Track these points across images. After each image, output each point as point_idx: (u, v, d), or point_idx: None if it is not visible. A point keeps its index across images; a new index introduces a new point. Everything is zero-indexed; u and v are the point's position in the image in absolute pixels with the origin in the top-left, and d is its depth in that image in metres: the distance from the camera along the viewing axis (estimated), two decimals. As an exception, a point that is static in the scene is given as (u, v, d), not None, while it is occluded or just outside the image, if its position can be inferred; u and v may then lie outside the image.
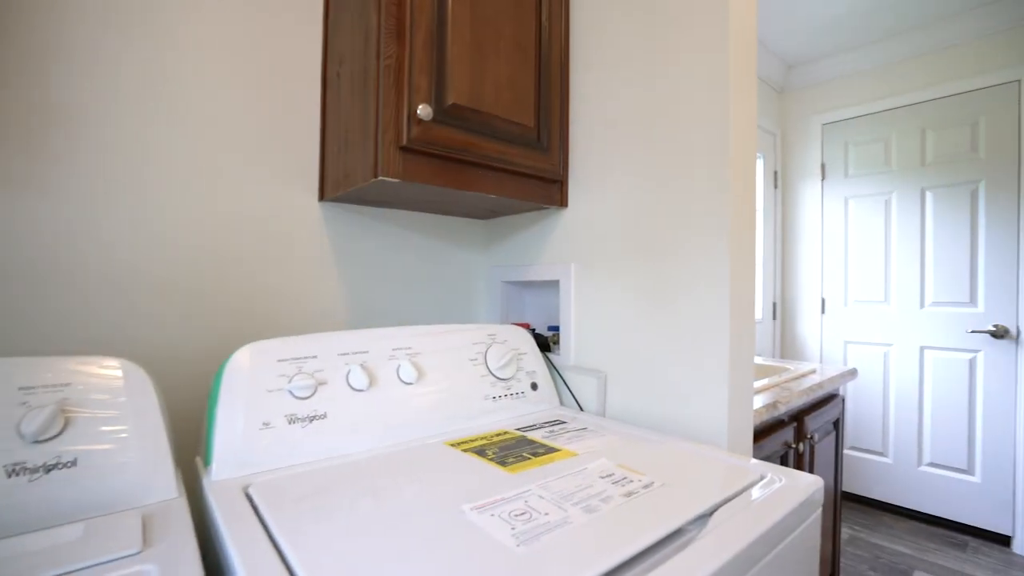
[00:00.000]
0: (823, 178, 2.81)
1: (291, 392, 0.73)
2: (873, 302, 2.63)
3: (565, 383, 1.07)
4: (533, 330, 1.17)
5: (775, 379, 1.39)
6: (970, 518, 2.34)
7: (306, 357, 0.77)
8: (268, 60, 0.98)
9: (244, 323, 0.95)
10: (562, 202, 1.10)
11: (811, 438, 1.35)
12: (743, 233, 0.86)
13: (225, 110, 0.93)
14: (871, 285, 2.64)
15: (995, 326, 2.25)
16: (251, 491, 0.60)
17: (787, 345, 2.95)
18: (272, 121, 0.99)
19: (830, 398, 1.58)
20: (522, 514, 0.53)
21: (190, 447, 0.88)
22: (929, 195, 2.46)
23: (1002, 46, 2.28)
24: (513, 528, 0.50)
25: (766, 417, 1.13)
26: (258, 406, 0.70)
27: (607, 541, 0.48)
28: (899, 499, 2.55)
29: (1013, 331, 2.21)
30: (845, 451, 2.73)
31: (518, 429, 0.86)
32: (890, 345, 2.57)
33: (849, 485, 2.72)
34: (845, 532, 2.43)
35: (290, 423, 0.71)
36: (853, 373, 1.62)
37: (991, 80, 2.29)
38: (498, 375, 0.94)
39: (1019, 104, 2.23)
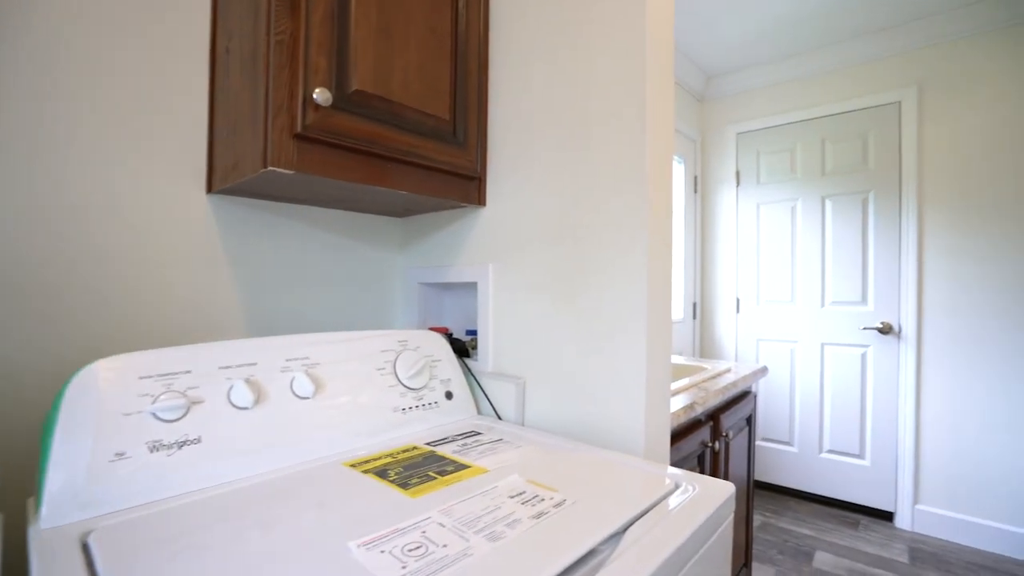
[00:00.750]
0: (738, 184, 2.97)
1: (155, 414, 0.62)
2: (781, 302, 2.81)
3: (483, 391, 1.02)
4: (450, 335, 1.11)
5: (694, 379, 1.43)
6: (862, 498, 2.56)
7: (177, 373, 0.66)
8: (152, 34, 0.85)
9: (109, 334, 0.82)
10: (480, 200, 1.05)
11: (726, 436, 1.39)
12: (660, 232, 0.85)
13: (97, 87, 0.79)
14: (780, 286, 2.82)
15: (882, 323, 2.48)
16: (91, 540, 0.50)
17: (706, 344, 3.09)
18: (154, 101, 0.86)
19: (744, 395, 1.64)
20: (416, 548, 0.48)
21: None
22: (828, 203, 2.67)
23: (887, 70, 2.51)
24: (404, 567, 0.44)
25: (684, 419, 1.14)
26: (110, 433, 0.59)
27: (509, 575, 0.44)
28: (804, 484, 2.74)
29: (896, 327, 2.44)
30: (757, 443, 2.90)
31: (428, 443, 0.80)
32: (796, 342, 2.76)
33: (760, 474, 2.89)
34: (757, 519, 2.57)
35: (152, 451, 0.61)
36: (764, 371, 1.70)
37: (878, 100, 2.52)
38: (408, 385, 0.88)
39: (899, 123, 2.46)
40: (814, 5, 2.28)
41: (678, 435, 1.17)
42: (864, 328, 2.52)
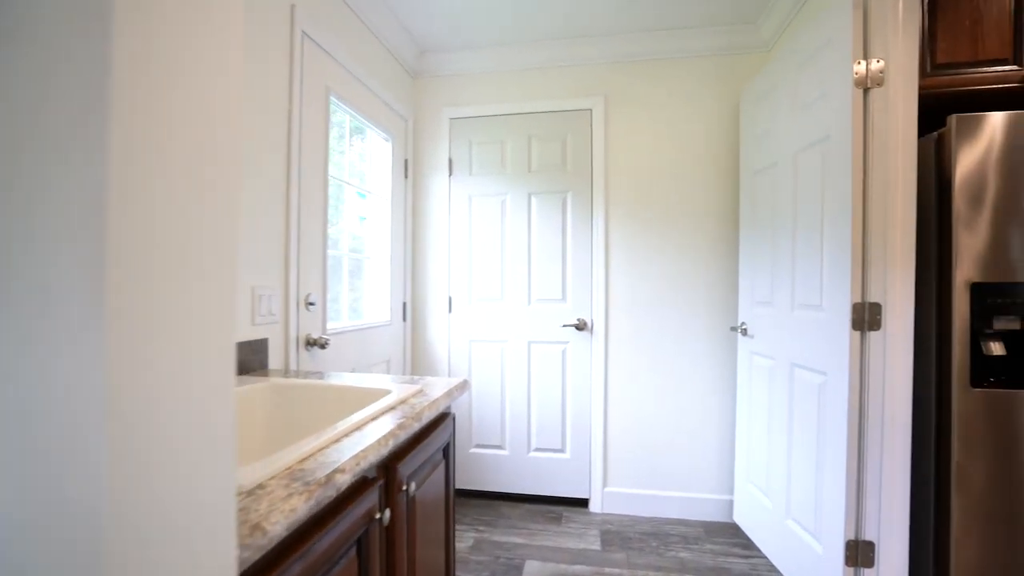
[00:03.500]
0: (451, 173, 2.74)
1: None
2: (492, 300, 2.69)
3: None
4: None
5: (350, 421, 0.98)
6: (565, 490, 2.62)
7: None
8: None
9: None
10: None
11: (407, 489, 0.99)
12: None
13: None
14: (491, 283, 2.69)
15: (578, 320, 2.57)
16: None
17: (418, 348, 2.78)
18: None
19: (440, 420, 1.30)
20: None
21: None
22: (534, 200, 2.65)
23: (583, 77, 2.62)
24: None
25: (322, 496, 0.67)
26: None
27: None
28: (516, 487, 2.67)
29: (589, 323, 2.56)
30: (471, 450, 2.72)
31: None
32: (505, 341, 2.68)
33: (475, 483, 2.72)
34: (470, 537, 2.36)
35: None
36: (464, 386, 1.40)
37: (575, 104, 2.61)
38: None
39: (591, 129, 2.59)
40: (519, -14, 2.16)
41: (317, 524, 0.69)
42: (564, 325, 2.57)
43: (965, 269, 1.52)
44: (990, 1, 1.67)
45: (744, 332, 2.24)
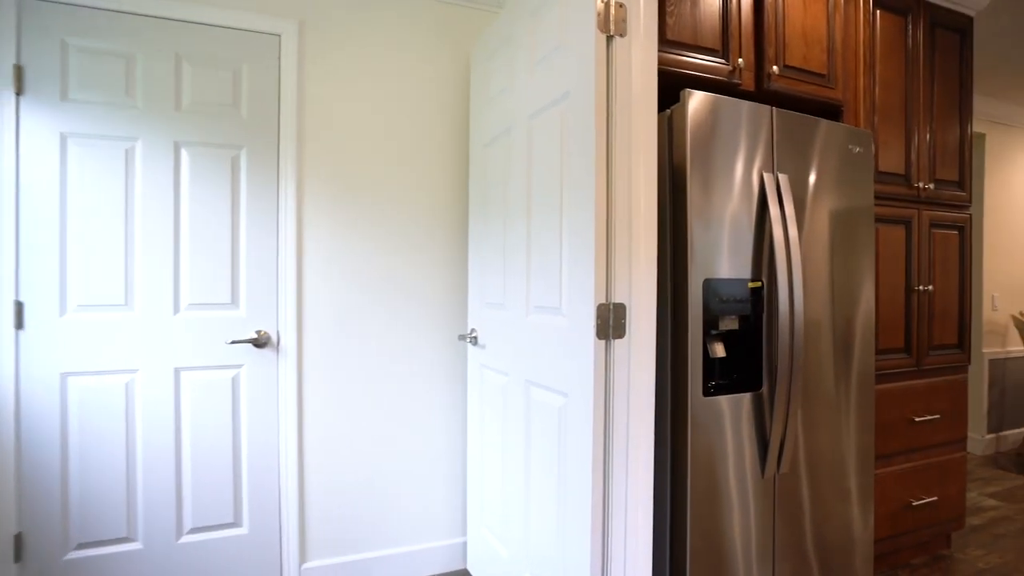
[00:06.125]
0: (19, 91, 1.59)
1: None
2: (110, 306, 1.67)
3: None
4: None
5: None
6: (239, 584, 1.78)
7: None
8: None
9: None
10: None
11: None
12: None
13: None
14: (106, 280, 1.66)
15: (258, 332, 1.77)
16: None
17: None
18: None
19: None
20: None
21: None
22: (186, 154, 1.74)
23: (266, -15, 1.83)
24: None
25: None
26: None
27: None
28: (153, 599, 1.70)
29: (275, 337, 1.80)
30: (69, 556, 1.63)
31: None
32: (135, 371, 1.69)
33: (74, 611, 1.64)
34: None
35: None
36: None
37: (255, 24, 1.80)
38: None
39: (279, 64, 1.83)
40: None
41: None
42: (234, 341, 1.74)
43: (700, 265, 1.37)
44: (708, -16, 1.60)
45: (474, 341, 1.82)
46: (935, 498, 2.04)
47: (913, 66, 2.03)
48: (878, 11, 1.95)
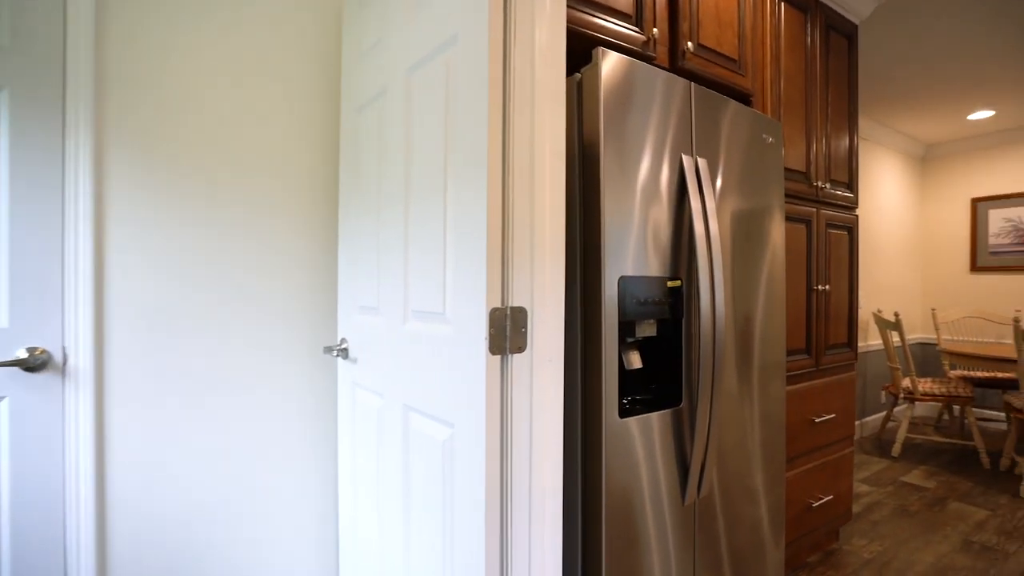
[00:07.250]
0: None
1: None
2: None
3: None
4: None
5: None
6: None
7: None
8: None
9: None
10: None
11: None
12: None
13: None
14: None
15: (29, 351, 1.27)
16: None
17: None
18: None
19: None
20: None
21: None
22: (-92, 93, 1.20)
23: None
24: None
25: None
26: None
27: None
28: None
29: (60, 356, 1.31)
30: None
31: None
32: None
33: None
34: None
35: None
36: None
37: (33, -76, 1.29)
38: None
39: (76, -18, 1.34)
40: None
41: None
42: (-13, 364, 1.22)
43: (616, 259, 1.15)
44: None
45: (344, 354, 1.47)
46: (831, 496, 2.04)
47: (811, 64, 2.01)
48: (782, 3, 1.89)
